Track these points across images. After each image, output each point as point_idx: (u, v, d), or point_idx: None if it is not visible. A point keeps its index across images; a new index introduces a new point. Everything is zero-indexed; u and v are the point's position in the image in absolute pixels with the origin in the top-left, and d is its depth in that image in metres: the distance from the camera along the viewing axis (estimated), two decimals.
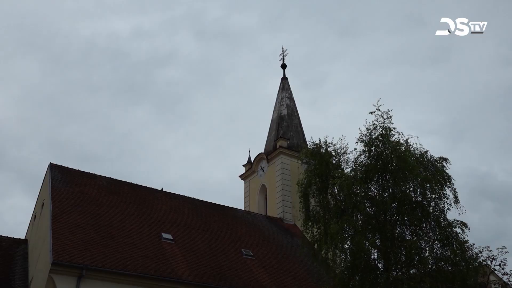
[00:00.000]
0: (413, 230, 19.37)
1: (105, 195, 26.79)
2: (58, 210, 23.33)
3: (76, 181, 26.71)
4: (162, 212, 27.66)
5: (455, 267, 18.25)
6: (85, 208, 24.61)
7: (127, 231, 24.28)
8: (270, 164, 37.14)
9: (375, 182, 20.08)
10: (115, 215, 25.30)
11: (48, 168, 27.05)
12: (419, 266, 18.56)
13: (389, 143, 19.76)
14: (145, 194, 28.82)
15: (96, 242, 22.31)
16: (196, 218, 28.84)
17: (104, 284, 20.85)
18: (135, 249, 23.16)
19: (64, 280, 20.03)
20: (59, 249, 20.64)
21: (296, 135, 39.12)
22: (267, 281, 25.38)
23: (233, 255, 26.56)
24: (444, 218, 19.05)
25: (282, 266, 27.73)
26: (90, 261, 20.75)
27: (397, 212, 19.16)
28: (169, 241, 25.09)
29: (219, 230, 28.66)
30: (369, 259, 18.04)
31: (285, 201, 34.60)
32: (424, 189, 19.11)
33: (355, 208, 18.67)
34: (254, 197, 37.71)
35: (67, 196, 24.86)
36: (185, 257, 24.33)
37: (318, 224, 20.80)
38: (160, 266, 22.69)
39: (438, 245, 18.91)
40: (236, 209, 32.82)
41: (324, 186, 20.80)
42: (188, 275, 22.93)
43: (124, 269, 21.33)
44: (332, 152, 21.44)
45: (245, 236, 29.33)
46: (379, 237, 18.94)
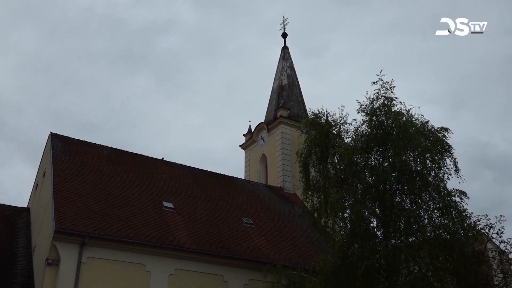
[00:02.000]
0: (413, 199, 19.52)
1: (106, 164, 26.89)
2: (59, 179, 23.46)
3: (77, 151, 26.78)
4: (163, 181, 27.82)
5: (453, 235, 18.46)
6: (86, 177, 24.74)
7: (128, 200, 24.47)
8: (270, 133, 37.18)
9: (375, 151, 20.14)
10: (116, 184, 25.45)
11: (48, 137, 27.08)
12: (418, 234, 18.79)
13: (390, 113, 19.73)
14: (145, 164, 28.92)
15: (97, 211, 22.51)
16: (197, 187, 29.02)
17: (106, 251, 21.13)
18: (137, 217, 23.38)
19: (66, 248, 20.30)
20: (61, 218, 20.84)
21: (296, 105, 39.02)
22: (267, 249, 25.70)
23: (234, 224, 26.83)
24: (443, 187, 19.18)
25: (282, 234, 28.04)
26: (92, 229, 20.98)
27: (397, 182, 19.28)
28: (170, 209, 25.31)
29: (219, 199, 28.87)
30: (369, 228, 18.22)
31: (285, 170, 34.76)
32: (424, 159, 19.18)
33: (355, 178, 18.76)
34: (255, 167, 37.88)
35: (68, 165, 24.96)
36: (186, 226, 24.58)
37: (318, 193, 20.96)
38: (162, 234, 22.95)
39: (437, 214, 19.10)
40: (236, 178, 33.00)
41: (324, 156, 20.87)
42: (189, 243, 23.21)
43: (126, 237, 21.57)
44: (332, 122, 21.43)
45: (245, 205, 29.57)
46: (379, 206, 19.11)
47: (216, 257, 23.39)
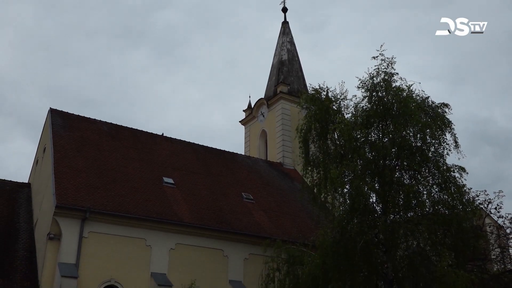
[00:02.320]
0: (412, 175, 19.59)
1: (106, 140, 26.90)
2: (60, 154, 23.50)
3: (77, 126, 26.76)
4: (163, 157, 27.88)
5: (452, 210, 18.58)
6: (87, 153, 24.78)
7: (128, 176, 24.56)
8: (270, 109, 37.10)
9: (375, 127, 20.13)
10: (117, 159, 25.51)
11: (48, 113, 27.02)
12: (417, 210, 18.90)
13: (391, 89, 19.65)
14: (145, 139, 28.94)
15: (98, 186, 22.61)
16: (197, 163, 29.09)
17: (108, 226, 21.31)
18: (137, 193, 23.50)
19: (68, 223, 20.46)
20: (62, 193, 20.95)
21: (296, 80, 38.84)
22: (267, 224, 25.91)
23: (234, 199, 26.98)
24: (443, 163, 19.22)
25: (282, 209, 28.22)
26: (93, 204, 21.11)
27: (396, 157, 19.31)
28: (171, 185, 25.42)
29: (219, 174, 28.97)
30: (368, 203, 18.32)
31: (285, 146, 34.81)
32: (424, 135, 19.16)
33: (355, 153, 18.78)
34: (254, 142, 37.91)
35: (68, 141, 24.97)
36: (186, 201, 24.73)
37: (317, 168, 21.01)
38: (162, 209, 23.10)
39: (436, 189, 19.19)
40: (236, 154, 33.06)
41: (324, 132, 20.85)
42: (190, 218, 23.38)
43: (127, 212, 21.73)
44: (332, 97, 21.36)
45: (245, 180, 29.68)
46: (378, 181, 19.18)
47: (216, 232, 23.60)
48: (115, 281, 20.80)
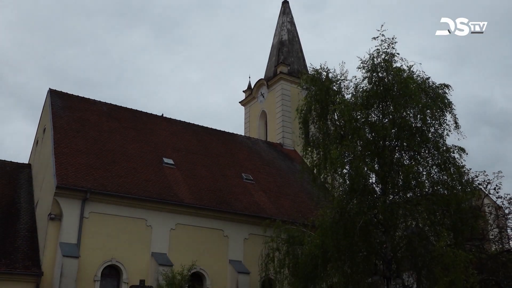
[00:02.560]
0: (412, 155, 19.59)
1: (105, 120, 26.89)
2: (60, 135, 23.51)
3: (76, 107, 26.72)
4: (162, 138, 27.90)
5: (451, 191, 18.62)
6: (86, 134, 24.79)
7: (128, 156, 24.60)
8: (270, 90, 36.99)
9: (375, 108, 20.07)
10: (116, 140, 25.53)
11: (47, 93, 26.95)
12: (416, 190, 18.95)
13: (391, 69, 19.55)
14: (145, 120, 28.92)
15: (98, 167, 22.67)
16: (197, 144, 29.12)
17: (108, 207, 21.42)
18: (137, 173, 23.57)
19: (69, 203, 20.57)
20: (63, 173, 21.02)
21: (296, 61, 38.65)
22: (267, 204, 26.03)
23: (234, 180, 27.07)
24: (443, 143, 19.21)
25: (281, 190, 28.34)
26: (93, 185, 21.19)
27: (396, 138, 19.30)
28: (170, 165, 25.48)
29: (219, 155, 29.02)
30: (367, 183, 18.34)
31: (285, 126, 34.81)
32: (424, 115, 19.12)
33: (355, 134, 18.75)
34: (254, 123, 37.89)
35: (68, 122, 24.96)
36: (186, 181, 24.81)
37: (317, 149, 21.02)
38: (162, 190, 23.19)
39: (435, 170, 19.21)
40: (236, 134, 33.07)
41: (324, 112, 20.81)
42: (190, 199, 23.49)
43: (127, 193, 21.83)
44: (332, 78, 21.27)
45: (245, 161, 29.75)
46: (378, 162, 19.19)
47: (217, 212, 23.73)
48: (116, 261, 20.99)
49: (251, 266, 23.28)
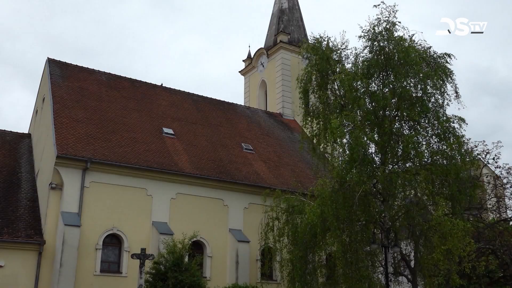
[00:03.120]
0: (411, 125, 19.58)
1: (105, 90, 26.77)
2: (59, 105, 23.45)
3: (75, 76, 26.56)
4: (162, 107, 27.83)
5: (450, 160, 18.68)
6: (86, 103, 24.72)
7: (128, 126, 24.59)
8: (270, 59, 36.71)
9: (376, 77, 19.96)
10: (116, 110, 25.47)
11: (46, 63, 26.75)
12: (415, 160, 19.00)
13: (392, 38, 19.36)
14: (145, 90, 28.79)
15: (98, 137, 22.69)
16: (197, 113, 29.07)
17: (109, 176, 21.53)
18: (137, 143, 23.61)
19: (69, 173, 20.67)
20: (63, 143, 21.05)
21: (297, 30, 38.23)
22: (266, 173, 26.16)
23: (233, 149, 27.13)
24: (443, 113, 19.18)
25: (281, 159, 28.43)
26: (93, 155, 21.25)
27: (396, 108, 19.25)
28: (170, 135, 25.50)
29: (219, 125, 29.01)
30: (367, 153, 18.38)
31: (285, 96, 34.68)
32: (425, 85, 19.03)
33: (355, 104, 18.69)
34: (254, 93, 37.74)
35: (67, 91, 24.86)
36: (187, 151, 24.87)
37: (317, 119, 21.00)
38: (162, 159, 23.26)
39: (435, 140, 19.23)
40: (236, 104, 32.98)
41: (324, 82, 20.71)
42: (190, 168, 23.58)
43: (128, 162, 21.90)
44: (333, 47, 21.08)
45: (245, 131, 29.76)
46: (378, 132, 19.18)
47: (217, 182, 23.87)
48: (117, 229, 21.22)
49: (251, 235, 23.55)
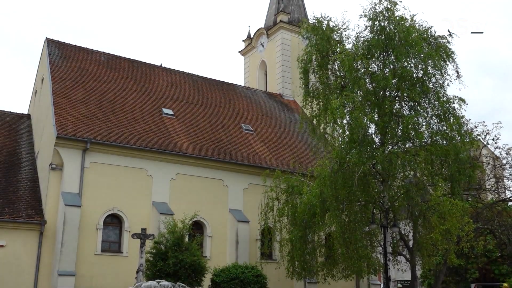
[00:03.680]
0: (412, 106, 19.55)
1: (104, 70, 26.64)
2: (58, 85, 23.36)
3: (74, 57, 26.41)
4: (162, 88, 27.73)
5: (449, 141, 18.69)
6: (85, 84, 24.62)
7: (128, 107, 24.54)
8: (270, 39, 36.45)
9: (376, 58, 19.86)
10: (115, 90, 25.39)
11: (44, 43, 26.57)
12: (415, 141, 19.02)
13: (393, 18, 19.21)
14: (144, 70, 28.65)
15: (98, 117, 22.66)
16: (196, 94, 28.98)
17: (109, 157, 21.55)
18: (137, 124, 23.58)
19: (69, 153, 20.68)
20: (63, 124, 21.03)
21: (297, 9, 37.88)
22: (266, 154, 26.19)
23: (233, 130, 27.12)
24: (443, 93, 19.13)
25: (281, 140, 28.45)
26: (93, 135, 21.24)
27: (397, 88, 19.19)
28: (170, 116, 25.47)
29: (219, 105, 28.94)
30: (367, 134, 18.38)
31: (285, 77, 34.53)
32: (426, 65, 18.95)
33: (355, 84, 18.63)
34: (254, 73, 37.56)
35: (66, 72, 24.74)
36: (186, 132, 24.86)
37: (317, 99, 20.96)
38: (162, 140, 23.27)
39: (435, 120, 19.21)
40: (235, 85, 32.85)
41: (324, 62, 20.61)
42: (190, 149, 23.60)
43: (128, 143, 21.91)
44: (333, 27, 20.93)
45: (244, 112, 29.71)
46: (378, 112, 19.15)
47: (216, 162, 23.91)
48: (118, 209, 21.32)
49: (250, 215, 23.68)
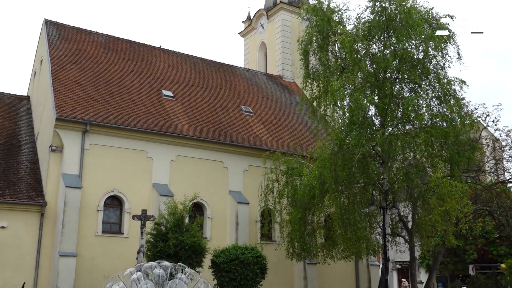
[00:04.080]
0: (412, 88, 19.51)
1: (103, 52, 26.50)
2: (57, 67, 23.26)
3: (73, 38, 26.24)
4: (161, 69, 27.61)
5: (449, 123, 18.70)
6: (84, 65, 24.51)
7: (127, 88, 24.47)
8: (270, 20, 36.19)
9: (377, 39, 19.76)
10: (115, 72, 25.28)
11: (43, 24, 26.38)
12: (415, 122, 19.02)
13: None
14: (143, 51, 28.49)
15: (97, 99, 22.61)
16: (196, 75, 28.87)
17: (109, 139, 21.56)
18: (137, 105, 23.54)
19: (69, 135, 20.68)
20: (62, 106, 20.99)
21: None
22: (266, 136, 26.20)
23: (233, 112, 27.08)
24: (444, 75, 19.07)
25: (280, 122, 28.42)
26: (93, 117, 21.22)
27: (397, 70, 19.12)
28: (170, 98, 25.41)
29: (218, 87, 28.85)
30: (367, 116, 18.38)
31: (285, 58, 34.37)
32: (427, 47, 18.86)
33: (356, 66, 18.56)
34: (254, 55, 37.37)
35: (65, 53, 24.61)
36: (186, 114, 24.83)
37: (317, 81, 20.91)
38: (162, 122, 23.25)
39: (435, 102, 19.20)
40: (235, 66, 32.71)
41: (325, 43, 20.52)
42: (190, 131, 23.59)
43: (127, 125, 21.89)
44: (334, 8, 20.79)
45: (244, 93, 29.63)
46: (378, 94, 19.13)
47: (216, 144, 23.92)
48: (118, 191, 21.39)
49: (250, 196, 23.77)
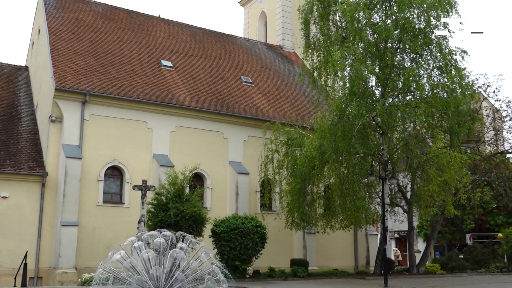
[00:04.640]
0: (413, 58, 19.39)
1: (101, 21, 26.19)
2: (55, 37, 23.03)
3: (70, 7, 25.89)
4: (160, 39, 27.35)
5: (450, 93, 18.65)
6: (83, 35, 24.26)
7: (126, 58, 24.28)
8: None
9: (378, 9, 19.55)
10: (113, 42, 25.04)
11: None
12: (416, 93, 18.98)
13: None
14: (142, 21, 28.16)
15: (96, 69, 22.46)
16: (195, 45, 28.62)
17: (108, 109, 21.50)
18: (136, 76, 23.41)
19: (68, 105, 20.63)
20: (61, 76, 20.87)
21: None
22: (266, 107, 26.14)
23: (233, 82, 26.95)
24: (446, 45, 18.92)
25: (280, 92, 28.32)
26: (92, 87, 21.12)
27: (398, 40, 18.97)
28: (169, 68, 25.24)
29: (218, 57, 28.64)
30: (367, 86, 18.32)
31: (285, 28, 34.02)
32: (429, 16, 18.66)
33: (357, 35, 18.40)
34: (254, 24, 36.98)
35: (62, 23, 24.33)
36: (186, 84, 24.71)
37: (318, 51, 20.77)
38: (161, 92, 23.16)
39: (436, 73, 19.11)
40: (235, 36, 32.40)
41: (326, 13, 20.32)
42: (189, 101, 23.53)
43: (127, 95, 21.81)
44: None
45: (244, 64, 29.43)
46: (379, 64, 19.02)
47: (216, 115, 23.89)
48: (118, 162, 21.46)
49: (250, 167, 23.86)
